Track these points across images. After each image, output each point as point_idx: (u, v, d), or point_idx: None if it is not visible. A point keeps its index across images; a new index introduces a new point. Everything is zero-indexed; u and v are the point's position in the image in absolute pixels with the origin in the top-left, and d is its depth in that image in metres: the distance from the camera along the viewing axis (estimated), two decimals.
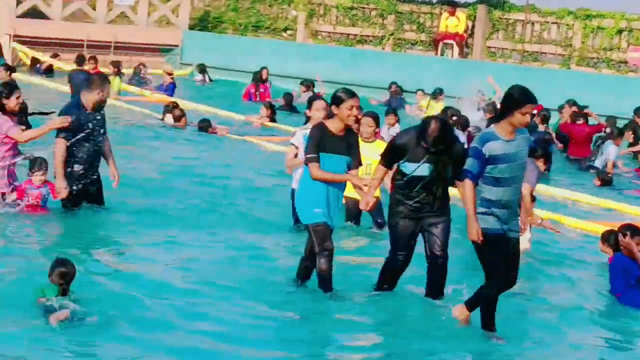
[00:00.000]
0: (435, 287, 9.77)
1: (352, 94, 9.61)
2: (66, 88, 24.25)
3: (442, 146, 9.28)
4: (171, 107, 21.78)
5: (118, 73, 25.71)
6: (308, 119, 12.75)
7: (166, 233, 12.03)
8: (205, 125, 20.79)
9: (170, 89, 26.05)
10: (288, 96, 26.00)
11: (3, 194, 12.10)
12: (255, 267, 10.87)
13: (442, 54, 32.10)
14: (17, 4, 30.57)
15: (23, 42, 30.25)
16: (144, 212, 12.89)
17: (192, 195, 14.40)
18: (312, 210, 9.61)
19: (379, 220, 12.61)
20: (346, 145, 9.64)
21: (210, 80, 30.68)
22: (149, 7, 33.65)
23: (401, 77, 28.55)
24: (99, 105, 12.23)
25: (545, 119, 21.78)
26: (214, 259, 11.03)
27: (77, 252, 10.64)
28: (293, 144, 12.09)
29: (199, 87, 29.91)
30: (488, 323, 9.07)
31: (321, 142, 9.56)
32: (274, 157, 17.93)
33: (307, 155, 9.63)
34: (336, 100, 9.60)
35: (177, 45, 33.41)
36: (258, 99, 27.21)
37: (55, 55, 29.65)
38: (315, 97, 12.37)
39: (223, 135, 20.62)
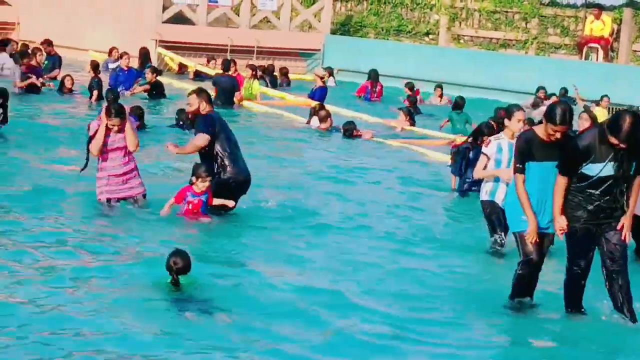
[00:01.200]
0: (622, 299, 9.26)
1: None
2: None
3: (632, 141, 8.83)
4: (317, 109, 21.84)
5: (255, 76, 25.93)
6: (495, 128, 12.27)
7: (324, 239, 12.00)
8: (350, 128, 20.75)
9: (318, 93, 25.96)
10: (412, 97, 26.16)
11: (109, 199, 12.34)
12: (425, 275, 10.75)
13: (586, 58, 31.46)
14: (163, 10, 31.16)
15: (168, 47, 30.85)
16: (300, 216, 12.91)
17: (343, 200, 14.34)
18: (520, 218, 9.40)
19: None
20: (557, 149, 9.22)
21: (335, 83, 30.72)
22: (292, 12, 33.90)
23: (545, 81, 28.07)
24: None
25: None
26: (386, 269, 10.85)
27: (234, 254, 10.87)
28: (485, 154, 11.62)
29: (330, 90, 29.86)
30: None
31: (528, 151, 9.30)
32: (421, 161, 17.98)
33: (514, 166, 9.46)
34: (549, 117, 9.17)
35: (318, 50, 33.56)
36: (375, 96, 27.81)
37: (209, 60, 29.99)
38: (517, 106, 11.87)
39: (368, 138, 20.55)
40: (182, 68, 30.63)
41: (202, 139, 12.28)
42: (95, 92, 22.55)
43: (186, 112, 13.05)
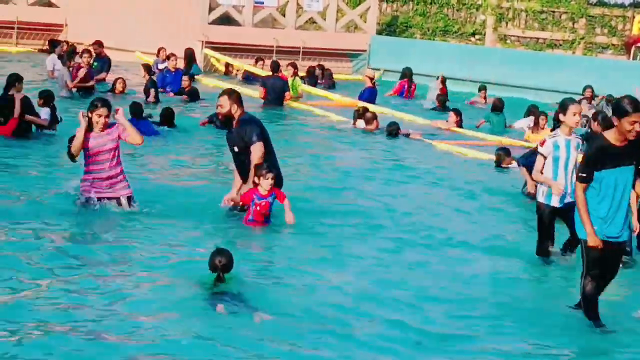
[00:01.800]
0: None
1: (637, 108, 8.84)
2: (255, 93, 24.75)
3: None
4: (362, 111, 21.80)
5: (296, 74, 25.95)
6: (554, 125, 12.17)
7: (372, 241, 11.87)
8: (394, 129, 20.66)
9: (367, 94, 25.90)
10: (442, 96, 26.23)
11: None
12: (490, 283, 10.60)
13: (634, 58, 31.21)
14: (210, 11, 31.27)
15: (214, 49, 30.96)
16: (345, 218, 12.79)
17: (391, 202, 14.18)
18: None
19: None
20: (630, 153, 8.98)
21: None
22: (338, 13, 33.90)
23: (592, 82, 27.87)
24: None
25: None
26: (435, 272, 10.74)
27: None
28: (541, 154, 11.30)
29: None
30: None
31: (599, 160, 8.94)
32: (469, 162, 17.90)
33: (578, 174, 9.12)
34: (620, 112, 8.87)
35: (364, 51, 33.52)
36: (409, 95, 27.91)
37: (257, 61, 30.00)
38: (571, 100, 11.46)
39: (415, 138, 20.47)
40: (229, 68, 30.67)
41: (260, 148, 12.12)
42: (152, 91, 22.62)
43: (216, 113, 12.83)
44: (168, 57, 25.99)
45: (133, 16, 31.94)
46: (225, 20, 31.85)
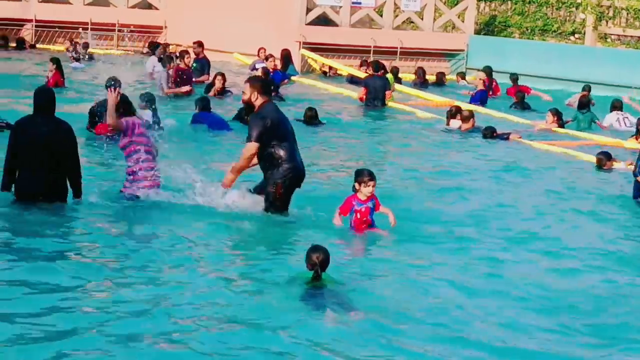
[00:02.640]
0: None
1: None
2: (353, 93, 24.75)
3: None
4: (454, 111, 21.60)
5: (386, 72, 25.85)
6: None
7: (469, 247, 11.53)
8: (490, 131, 20.42)
9: (479, 95, 25.65)
10: (520, 94, 25.99)
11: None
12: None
13: None
14: (307, 12, 31.35)
15: (311, 49, 31.03)
16: (443, 223, 12.56)
17: (489, 205, 13.92)
18: None
19: None
20: None
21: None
22: (435, 12, 33.72)
23: None
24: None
25: None
26: (539, 283, 10.29)
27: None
28: None
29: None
30: None
31: None
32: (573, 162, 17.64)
33: None
34: None
35: (462, 50, 33.28)
36: (491, 93, 27.47)
37: (362, 64, 29.75)
38: None
39: (515, 140, 20.14)
40: (328, 69, 30.64)
41: (250, 150, 12.03)
42: None
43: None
44: (267, 58, 26.10)
45: (231, 18, 32.18)
46: (323, 20, 31.91)
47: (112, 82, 14.57)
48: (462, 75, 30.66)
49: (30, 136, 11.55)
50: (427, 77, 29.78)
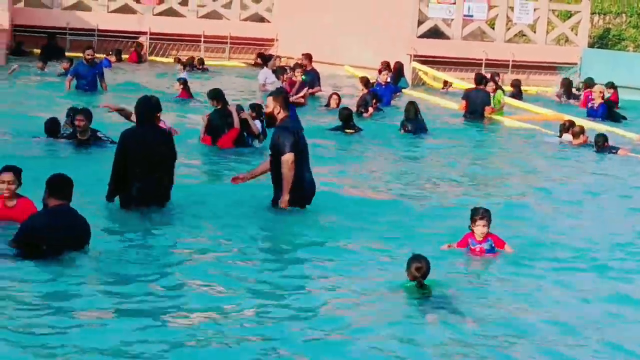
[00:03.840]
0: None
1: None
2: (454, 105, 24.61)
3: None
4: (568, 125, 21.27)
5: (498, 87, 25.63)
6: None
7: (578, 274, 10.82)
8: (601, 140, 19.92)
9: (602, 110, 25.20)
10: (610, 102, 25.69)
11: None
12: None
13: None
14: (419, 25, 31.30)
15: (422, 62, 30.95)
16: (551, 246, 11.90)
17: (603, 228, 13.05)
18: None
19: None
20: None
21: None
22: (548, 26, 33.35)
23: None
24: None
25: None
26: None
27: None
28: None
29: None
30: None
31: None
32: None
33: None
34: None
35: (575, 64, 32.84)
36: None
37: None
38: None
39: (623, 155, 19.64)
40: (445, 84, 30.49)
41: (289, 160, 12.25)
42: (370, 109, 22.74)
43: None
44: (379, 71, 25.97)
45: (342, 30, 32.30)
46: (434, 33, 31.83)
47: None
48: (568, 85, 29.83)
49: (137, 147, 11.84)
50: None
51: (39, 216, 10.05)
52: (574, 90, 29.82)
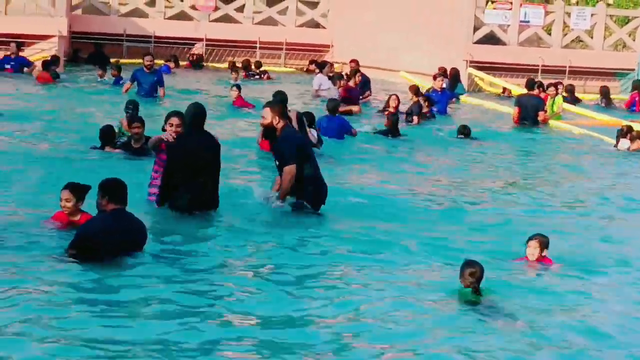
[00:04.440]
0: None
1: None
2: (508, 110, 24.46)
3: None
4: (626, 130, 21.06)
5: (558, 93, 25.42)
6: None
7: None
8: None
9: None
10: None
11: None
12: None
13: None
14: (474, 31, 31.20)
15: (478, 68, 30.86)
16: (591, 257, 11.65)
17: None
18: None
19: None
20: None
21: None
22: (605, 31, 33.09)
23: None
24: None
25: None
26: None
27: None
28: None
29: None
30: None
31: None
32: None
33: None
34: None
35: (632, 70, 32.56)
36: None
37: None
38: None
39: None
40: (504, 91, 30.34)
41: (291, 172, 12.26)
42: (415, 118, 22.67)
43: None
44: (434, 78, 25.78)
45: (398, 36, 32.29)
46: (490, 39, 31.71)
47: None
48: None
49: (188, 153, 11.92)
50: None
51: (96, 221, 10.18)
52: (612, 98, 29.55)
